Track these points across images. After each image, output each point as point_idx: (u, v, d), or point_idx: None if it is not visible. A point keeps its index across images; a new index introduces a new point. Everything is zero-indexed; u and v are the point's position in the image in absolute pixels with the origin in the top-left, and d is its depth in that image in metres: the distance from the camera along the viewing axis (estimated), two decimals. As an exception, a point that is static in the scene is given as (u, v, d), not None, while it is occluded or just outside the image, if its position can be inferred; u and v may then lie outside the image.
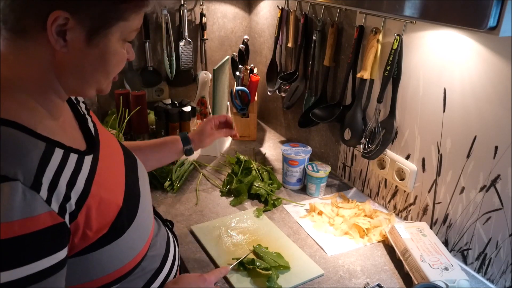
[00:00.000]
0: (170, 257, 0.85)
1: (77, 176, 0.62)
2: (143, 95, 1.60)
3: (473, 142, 1.01)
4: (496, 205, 0.98)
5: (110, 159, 0.75)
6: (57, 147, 0.61)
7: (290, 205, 1.34)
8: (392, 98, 1.20)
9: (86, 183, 0.63)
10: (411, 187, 1.21)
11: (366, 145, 1.27)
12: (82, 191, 0.62)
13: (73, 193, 0.60)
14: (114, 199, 0.69)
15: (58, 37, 0.58)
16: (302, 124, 1.53)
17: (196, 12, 1.81)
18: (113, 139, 0.85)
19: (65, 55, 0.60)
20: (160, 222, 0.91)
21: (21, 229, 0.52)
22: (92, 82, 0.66)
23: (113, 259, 0.68)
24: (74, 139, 0.69)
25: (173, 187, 1.38)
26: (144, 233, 0.75)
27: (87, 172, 0.65)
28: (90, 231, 0.63)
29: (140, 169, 0.85)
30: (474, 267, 1.06)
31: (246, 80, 1.72)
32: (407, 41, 1.13)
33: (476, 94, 0.98)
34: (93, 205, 0.63)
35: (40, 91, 0.62)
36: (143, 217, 0.75)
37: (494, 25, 0.65)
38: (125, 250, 0.69)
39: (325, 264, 1.08)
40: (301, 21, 1.50)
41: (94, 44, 0.61)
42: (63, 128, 0.67)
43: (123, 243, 0.68)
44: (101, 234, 0.64)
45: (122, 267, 0.69)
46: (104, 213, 0.65)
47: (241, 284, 0.99)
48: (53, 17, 0.56)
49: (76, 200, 0.60)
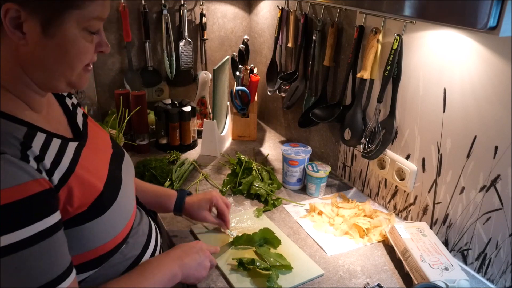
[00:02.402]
0: (151, 245, 0.88)
1: (61, 157, 0.66)
2: (143, 95, 1.60)
3: (473, 142, 1.01)
4: (496, 205, 0.98)
5: (95, 149, 0.79)
6: (39, 131, 0.64)
7: (290, 205, 1.34)
8: (392, 98, 1.20)
9: (70, 163, 0.67)
10: (411, 187, 1.21)
11: (366, 145, 1.27)
12: (66, 169, 0.66)
13: (57, 170, 0.64)
14: (96, 181, 0.72)
15: (15, 30, 0.59)
16: (302, 124, 1.53)
17: (196, 12, 1.81)
18: (103, 134, 0.88)
19: (26, 47, 0.61)
20: (143, 212, 0.93)
21: (13, 196, 0.56)
22: (57, 74, 0.66)
23: (94, 236, 0.71)
24: (58, 130, 0.72)
25: (173, 187, 1.38)
26: (124, 216, 0.79)
27: (71, 155, 0.69)
28: (71, 207, 0.66)
29: (125, 161, 0.89)
30: (474, 267, 1.06)
31: (246, 80, 1.72)
32: (407, 41, 1.13)
33: (476, 94, 0.98)
34: (76, 184, 0.67)
35: (15, 85, 0.64)
36: (124, 202, 0.79)
37: (494, 25, 0.65)
38: (105, 228, 0.73)
39: (325, 264, 1.08)
40: (301, 21, 1.50)
41: (50, 35, 0.61)
42: (47, 119, 0.70)
43: (103, 221, 0.72)
44: (80, 211, 0.68)
45: (102, 246, 0.72)
46: (86, 193, 0.69)
47: (241, 284, 0.99)
48: (4, 10, 0.57)
49: (59, 178, 0.64)
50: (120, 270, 0.79)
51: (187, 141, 1.67)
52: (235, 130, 1.80)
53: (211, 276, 1.02)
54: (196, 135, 1.73)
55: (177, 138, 1.64)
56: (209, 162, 1.59)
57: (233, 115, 1.78)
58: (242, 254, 1.07)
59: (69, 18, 0.62)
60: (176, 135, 1.63)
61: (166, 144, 1.66)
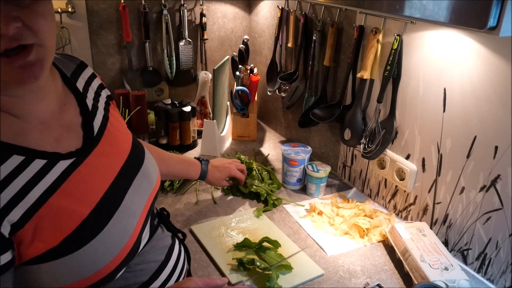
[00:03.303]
0: (166, 271, 0.79)
1: (33, 185, 0.59)
2: (143, 95, 1.60)
3: (473, 142, 1.01)
4: (496, 205, 0.98)
5: (100, 162, 0.70)
6: (16, 154, 0.58)
7: (290, 205, 1.34)
8: (392, 98, 1.20)
9: (45, 192, 0.60)
10: (411, 187, 1.21)
11: (366, 145, 1.27)
12: (35, 201, 0.59)
13: (21, 203, 0.57)
14: (78, 210, 0.63)
15: None
16: (302, 124, 1.53)
17: (196, 12, 1.81)
18: (123, 139, 0.78)
19: None
20: (165, 232, 0.86)
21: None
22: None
23: (68, 272, 0.62)
24: (59, 138, 0.66)
25: (173, 187, 1.38)
26: (111, 248, 0.67)
27: (51, 181, 0.61)
28: (41, 242, 0.59)
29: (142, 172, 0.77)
30: (474, 267, 1.06)
31: (246, 80, 1.72)
32: (407, 41, 1.13)
33: (476, 94, 0.98)
34: (47, 215, 0.60)
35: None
36: (114, 231, 0.67)
37: (494, 25, 0.65)
38: (82, 264, 0.63)
39: (325, 264, 1.08)
40: (301, 21, 1.50)
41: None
42: (39, 128, 0.63)
43: (79, 257, 0.62)
44: (51, 247, 0.60)
45: (80, 281, 0.63)
46: (60, 225, 0.61)
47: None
48: None
49: (24, 211, 0.57)
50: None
51: (187, 141, 1.67)
52: (235, 130, 1.80)
53: (211, 276, 1.02)
54: (196, 135, 1.73)
55: (177, 138, 1.64)
56: (209, 162, 1.59)
57: (233, 115, 1.78)
58: (242, 254, 1.07)
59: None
60: (176, 135, 1.63)
61: (166, 144, 1.66)
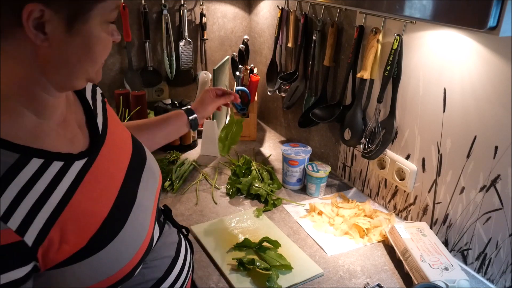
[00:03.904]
0: (177, 267, 0.80)
1: (54, 188, 0.58)
2: (143, 95, 1.60)
3: (473, 142, 1.01)
4: (496, 205, 0.98)
5: (109, 161, 0.70)
6: (36, 157, 0.58)
7: (290, 205, 1.34)
8: (392, 98, 1.20)
9: (65, 194, 0.60)
10: (411, 187, 1.21)
11: (366, 145, 1.27)
12: (57, 204, 0.58)
13: (46, 206, 0.57)
14: (98, 209, 0.64)
15: (37, 31, 0.55)
16: (302, 124, 1.53)
17: (196, 12, 1.81)
18: (124, 134, 0.80)
19: (47, 49, 0.57)
20: (172, 229, 0.86)
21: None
22: (80, 73, 0.62)
23: (93, 272, 0.63)
24: (72, 139, 0.66)
25: (173, 187, 1.38)
26: (132, 245, 0.68)
27: (69, 182, 0.61)
28: (67, 244, 0.59)
29: (147, 169, 0.79)
30: (474, 267, 1.06)
31: (246, 80, 1.72)
32: (407, 41, 1.13)
33: (476, 94, 0.98)
34: (70, 218, 0.59)
35: (26, 93, 0.59)
36: (133, 228, 0.68)
37: (494, 25, 0.65)
38: (107, 263, 0.64)
39: (325, 264, 1.08)
40: (301, 21, 1.50)
41: (75, 32, 0.57)
42: (56, 129, 0.64)
43: (104, 256, 0.63)
44: (80, 247, 0.60)
45: (103, 281, 0.64)
46: (83, 226, 0.61)
47: (241, 284, 0.99)
48: (28, 11, 0.52)
49: (48, 215, 0.57)
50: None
51: (187, 141, 1.67)
52: (235, 130, 1.80)
53: (211, 276, 1.02)
54: (196, 135, 1.73)
55: (177, 138, 1.64)
56: (209, 162, 1.59)
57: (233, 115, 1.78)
58: (242, 254, 1.07)
59: (95, 13, 0.58)
60: (176, 135, 1.63)
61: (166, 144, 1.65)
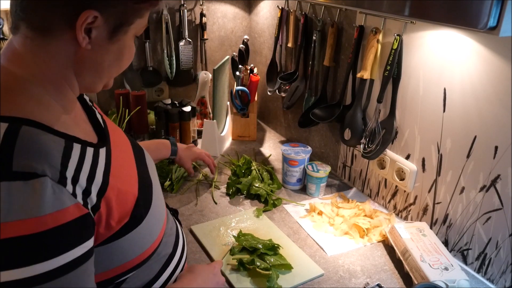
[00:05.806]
0: (180, 242, 0.88)
1: (95, 170, 0.64)
2: (143, 95, 1.60)
3: (473, 142, 1.01)
4: (496, 205, 0.98)
5: (120, 150, 0.77)
6: (75, 142, 0.63)
7: (290, 205, 1.34)
8: (392, 98, 1.20)
9: (104, 175, 0.66)
10: (411, 187, 1.21)
11: (366, 145, 1.27)
12: (101, 183, 0.64)
13: (93, 186, 0.62)
14: (130, 189, 0.71)
15: (85, 35, 0.60)
16: (302, 124, 1.53)
17: (196, 12, 1.81)
18: (119, 130, 0.86)
19: (87, 52, 0.62)
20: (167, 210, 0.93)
21: (53, 222, 0.55)
22: (106, 77, 0.68)
23: (134, 246, 0.71)
24: (86, 132, 0.71)
25: (173, 187, 1.38)
26: (160, 219, 0.79)
27: (103, 165, 0.67)
28: (113, 220, 0.65)
29: (148, 159, 0.87)
30: (474, 267, 1.06)
31: (246, 80, 1.72)
32: (407, 41, 1.13)
33: (476, 94, 0.98)
34: (112, 196, 0.66)
35: (56, 88, 0.64)
36: (157, 205, 0.78)
37: (494, 25, 0.65)
38: (144, 236, 0.73)
39: (325, 264, 1.08)
40: (301, 21, 1.50)
41: (115, 41, 0.64)
42: (76, 122, 0.69)
43: (142, 230, 0.71)
44: (123, 223, 0.67)
45: (141, 253, 0.72)
46: (123, 203, 0.68)
47: (241, 284, 0.99)
48: (85, 16, 0.58)
49: (97, 193, 0.63)
50: (155, 269, 0.78)
51: (187, 141, 1.67)
52: (235, 130, 1.80)
53: (211, 276, 1.02)
54: (196, 135, 1.73)
55: (177, 138, 1.64)
56: (209, 162, 1.59)
57: (233, 115, 1.78)
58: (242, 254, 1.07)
59: (134, 26, 0.65)
60: (176, 135, 1.63)
61: (166, 144, 1.66)
